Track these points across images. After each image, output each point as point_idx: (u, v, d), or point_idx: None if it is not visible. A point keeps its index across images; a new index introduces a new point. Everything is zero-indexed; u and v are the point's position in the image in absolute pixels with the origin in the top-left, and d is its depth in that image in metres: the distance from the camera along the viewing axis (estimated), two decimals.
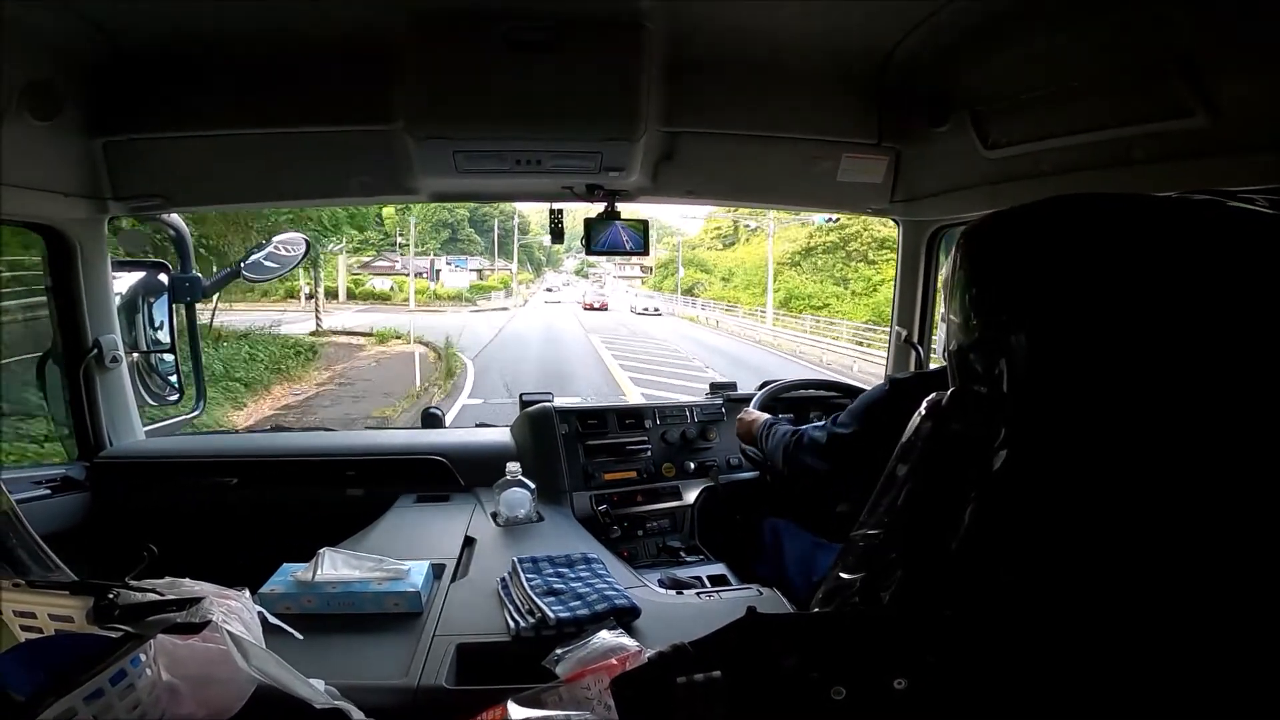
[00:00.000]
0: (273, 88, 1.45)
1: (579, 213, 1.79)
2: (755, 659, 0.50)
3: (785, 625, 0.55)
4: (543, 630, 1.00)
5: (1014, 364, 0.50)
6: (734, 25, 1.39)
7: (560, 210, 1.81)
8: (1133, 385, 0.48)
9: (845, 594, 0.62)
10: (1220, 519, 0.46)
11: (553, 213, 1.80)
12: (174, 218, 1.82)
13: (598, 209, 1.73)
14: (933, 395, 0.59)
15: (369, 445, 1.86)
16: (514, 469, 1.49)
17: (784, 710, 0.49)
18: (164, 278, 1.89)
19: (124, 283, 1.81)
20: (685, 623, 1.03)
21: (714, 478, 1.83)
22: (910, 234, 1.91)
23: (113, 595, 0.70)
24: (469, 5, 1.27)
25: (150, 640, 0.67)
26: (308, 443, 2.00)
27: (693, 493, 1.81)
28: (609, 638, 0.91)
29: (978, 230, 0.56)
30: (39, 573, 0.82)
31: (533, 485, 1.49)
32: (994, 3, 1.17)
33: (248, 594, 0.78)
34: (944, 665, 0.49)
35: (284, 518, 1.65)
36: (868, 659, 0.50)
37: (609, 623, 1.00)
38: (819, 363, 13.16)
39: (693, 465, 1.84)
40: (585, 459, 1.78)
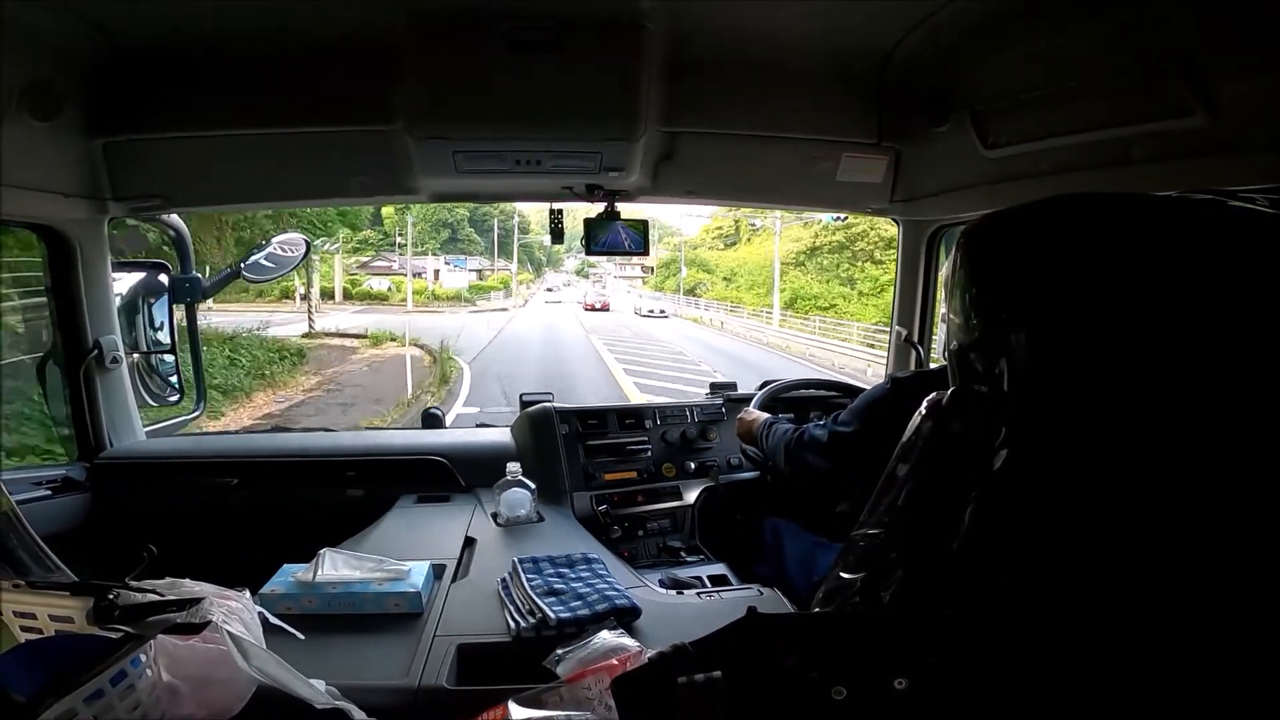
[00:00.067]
0: (273, 88, 1.45)
1: (579, 213, 1.79)
2: (756, 659, 0.50)
3: (786, 625, 0.55)
4: (543, 630, 1.00)
5: (1014, 363, 0.50)
6: (734, 25, 1.39)
7: (560, 210, 1.81)
8: (1133, 385, 0.48)
9: (846, 594, 0.62)
10: (1220, 518, 0.46)
11: (553, 213, 1.80)
12: (174, 218, 1.82)
13: (598, 209, 1.73)
14: (933, 395, 0.59)
15: (369, 446, 1.85)
16: (514, 469, 1.49)
17: (784, 710, 0.49)
18: (164, 278, 1.89)
19: (124, 283, 1.81)
20: (686, 623, 1.03)
21: (714, 478, 1.83)
22: (910, 234, 1.91)
23: (113, 596, 0.70)
24: (469, 5, 1.27)
25: (150, 641, 0.67)
26: (308, 443, 2.00)
27: (693, 493, 1.81)
28: (610, 638, 0.91)
29: (978, 230, 0.56)
30: (39, 573, 0.82)
31: (533, 485, 1.50)
32: (994, 3, 1.17)
33: (248, 594, 0.78)
34: (944, 665, 0.49)
35: (284, 518, 1.65)
36: (868, 659, 0.50)
37: (609, 623, 1.00)
38: (832, 367, 12.65)
39: (693, 465, 1.84)
40: (585, 459, 1.77)
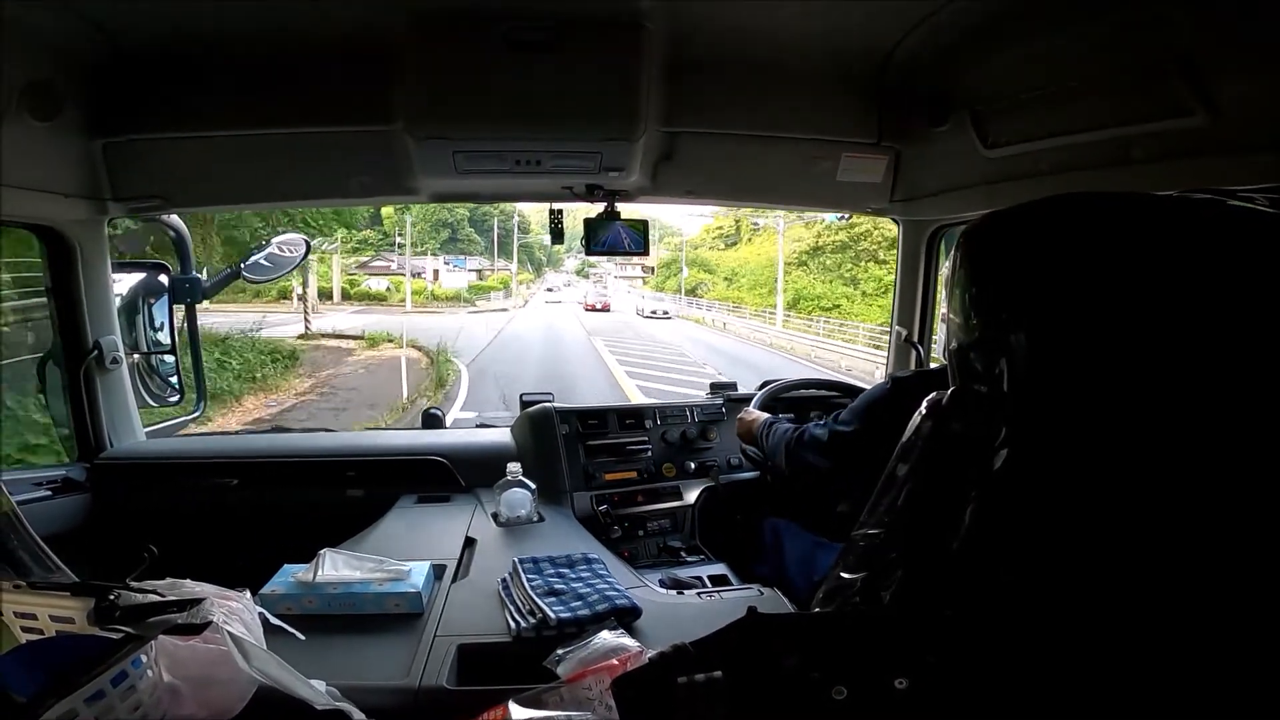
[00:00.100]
0: (273, 88, 1.45)
1: (579, 213, 1.79)
2: (756, 659, 0.50)
3: (786, 625, 0.55)
4: (544, 630, 1.00)
5: (1014, 363, 0.50)
6: (734, 25, 1.39)
7: (560, 210, 1.81)
8: (1133, 384, 0.48)
9: (846, 594, 0.62)
10: (1220, 518, 0.46)
11: (553, 213, 1.80)
12: (174, 218, 1.82)
13: (598, 209, 1.73)
14: (933, 395, 0.59)
15: (369, 446, 1.85)
16: (514, 469, 1.49)
17: (785, 710, 0.49)
18: (164, 279, 1.89)
19: (124, 284, 1.81)
20: (686, 623, 1.03)
21: (714, 478, 1.83)
22: (910, 233, 1.91)
23: (114, 596, 0.70)
24: (469, 5, 1.27)
25: (151, 641, 0.67)
26: (308, 444, 2.00)
27: (693, 493, 1.81)
28: (610, 638, 0.91)
29: (977, 230, 0.56)
30: (40, 574, 0.82)
31: (533, 485, 1.49)
32: (994, 3, 1.17)
33: (248, 595, 0.78)
34: (945, 665, 0.49)
35: (284, 519, 1.65)
36: (869, 659, 0.50)
37: (610, 623, 1.00)
38: (838, 368, 12.40)
39: (693, 465, 1.84)
40: (586, 459, 1.77)
